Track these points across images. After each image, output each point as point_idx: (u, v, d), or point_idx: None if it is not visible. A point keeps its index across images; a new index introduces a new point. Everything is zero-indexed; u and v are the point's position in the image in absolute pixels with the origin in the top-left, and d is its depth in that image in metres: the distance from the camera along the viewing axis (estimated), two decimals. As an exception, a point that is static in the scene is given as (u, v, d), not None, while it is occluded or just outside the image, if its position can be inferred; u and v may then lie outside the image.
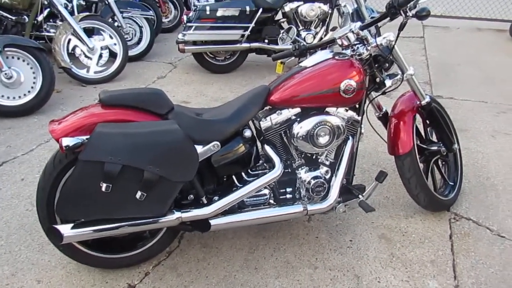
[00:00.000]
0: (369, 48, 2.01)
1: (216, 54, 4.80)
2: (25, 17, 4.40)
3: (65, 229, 1.71)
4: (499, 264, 2.11)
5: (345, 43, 2.03)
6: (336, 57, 2.01)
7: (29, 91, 3.63)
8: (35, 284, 1.95)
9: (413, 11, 1.92)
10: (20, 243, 2.19)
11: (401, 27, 1.92)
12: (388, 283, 1.99)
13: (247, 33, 4.48)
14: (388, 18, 1.97)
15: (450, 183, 2.54)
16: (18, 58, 3.58)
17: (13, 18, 4.34)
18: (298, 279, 2.01)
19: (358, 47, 2.03)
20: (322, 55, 2.06)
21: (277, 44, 4.60)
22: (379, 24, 2.01)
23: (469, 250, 2.20)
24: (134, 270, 2.04)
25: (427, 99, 2.31)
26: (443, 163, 2.58)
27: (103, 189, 1.64)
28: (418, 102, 2.31)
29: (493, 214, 2.47)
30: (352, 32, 2.00)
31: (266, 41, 4.62)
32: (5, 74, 3.49)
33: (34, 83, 3.63)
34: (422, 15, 1.90)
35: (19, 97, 3.61)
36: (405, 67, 2.17)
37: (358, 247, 2.21)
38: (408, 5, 1.90)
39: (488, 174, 2.86)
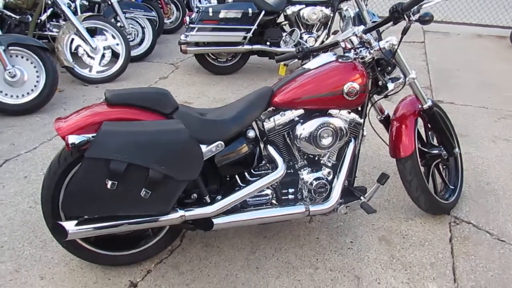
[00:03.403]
0: (372, 51, 2.02)
1: (218, 55, 4.83)
2: (29, 16, 4.43)
3: (70, 226, 1.72)
4: (499, 267, 2.13)
5: (348, 46, 2.06)
6: (340, 60, 2.03)
7: (32, 90, 3.64)
8: (38, 280, 1.96)
9: (417, 16, 1.94)
10: (24, 239, 2.20)
11: (405, 31, 1.95)
12: (388, 284, 2.01)
13: (249, 35, 4.51)
14: (391, 22, 2.00)
15: (451, 186, 2.56)
16: (22, 57, 3.60)
17: (17, 17, 4.37)
18: (299, 279, 2.02)
19: (361, 50, 2.04)
20: (325, 57, 2.08)
21: (278, 46, 4.64)
22: (381, 28, 2.04)
23: (469, 254, 2.21)
24: (136, 268, 2.05)
25: (429, 103, 2.32)
26: (444, 167, 2.60)
27: (109, 186, 1.65)
28: (420, 106, 2.33)
29: (493, 219, 2.48)
30: (356, 35, 2.02)
31: (268, 43, 4.65)
32: (9, 72, 3.51)
33: (37, 82, 3.65)
34: (426, 19, 1.93)
35: (22, 95, 3.63)
36: (408, 71, 2.19)
37: (359, 249, 2.23)
38: (412, 10, 1.93)
39: (489, 179, 2.88)
